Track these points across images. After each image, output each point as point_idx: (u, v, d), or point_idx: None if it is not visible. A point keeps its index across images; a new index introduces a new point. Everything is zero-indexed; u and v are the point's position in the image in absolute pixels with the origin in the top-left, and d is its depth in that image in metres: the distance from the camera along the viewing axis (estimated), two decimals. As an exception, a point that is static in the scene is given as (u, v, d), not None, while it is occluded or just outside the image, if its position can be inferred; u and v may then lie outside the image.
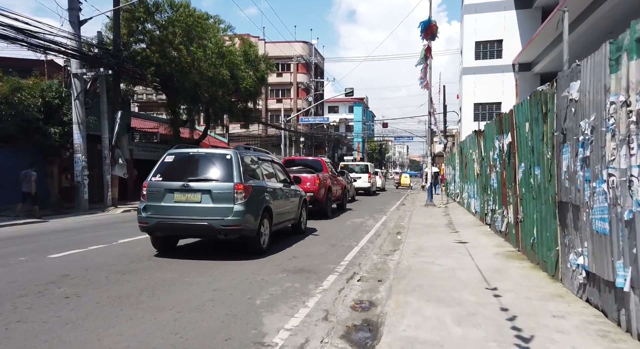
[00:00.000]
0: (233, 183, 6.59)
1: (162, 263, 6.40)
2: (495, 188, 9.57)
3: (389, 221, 13.38)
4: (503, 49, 28.14)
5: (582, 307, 4.34)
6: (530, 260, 6.61)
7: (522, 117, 6.85)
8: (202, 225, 6.45)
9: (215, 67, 21.24)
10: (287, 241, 8.78)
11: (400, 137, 53.32)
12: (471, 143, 13.53)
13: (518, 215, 7.41)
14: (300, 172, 12.97)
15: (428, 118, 19.14)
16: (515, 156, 7.42)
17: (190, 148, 7.15)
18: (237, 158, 6.82)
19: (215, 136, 34.92)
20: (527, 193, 6.76)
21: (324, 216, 13.42)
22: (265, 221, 7.32)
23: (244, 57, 24.61)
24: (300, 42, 55.05)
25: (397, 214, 15.61)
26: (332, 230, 10.69)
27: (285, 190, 8.73)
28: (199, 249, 7.85)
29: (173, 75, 19.04)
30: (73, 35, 14.91)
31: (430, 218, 13.28)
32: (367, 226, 11.90)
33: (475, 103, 28.95)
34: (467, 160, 15.62)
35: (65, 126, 15.80)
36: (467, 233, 9.78)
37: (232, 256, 7.00)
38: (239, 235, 6.71)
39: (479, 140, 11.82)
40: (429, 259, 6.93)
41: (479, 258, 7.00)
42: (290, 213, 9.06)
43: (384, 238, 9.79)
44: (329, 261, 6.87)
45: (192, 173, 6.75)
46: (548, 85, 5.57)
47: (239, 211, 6.53)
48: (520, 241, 7.33)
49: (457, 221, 12.34)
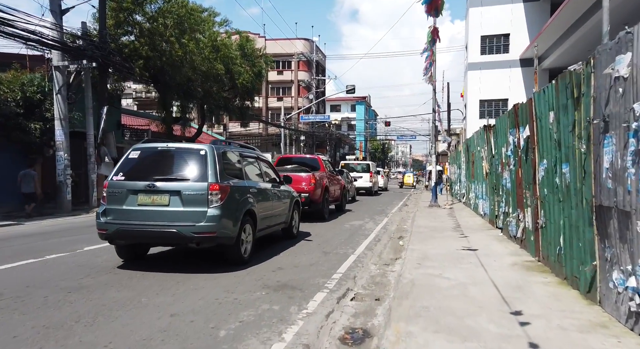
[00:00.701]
0: (207, 183, 5.64)
1: (122, 277, 5.46)
2: (508, 188, 8.59)
3: (391, 224, 12.41)
4: (510, 43, 27.08)
5: (637, 344, 3.37)
6: (555, 273, 5.64)
7: (545, 105, 5.88)
8: (170, 232, 5.50)
9: (209, 61, 20.31)
10: (275, 248, 7.84)
11: (403, 135, 52.26)
12: (479, 139, 12.55)
13: (538, 219, 6.44)
14: (295, 171, 12.02)
15: (432, 115, 18.16)
16: (535, 152, 6.45)
17: (160, 142, 6.19)
18: (213, 154, 5.87)
19: (213, 135, 34.03)
20: (550, 195, 5.79)
21: (321, 218, 12.46)
22: (247, 226, 6.37)
23: (240, 52, 23.70)
24: (302, 39, 54.13)
25: (399, 216, 14.65)
26: (328, 235, 9.73)
27: (273, 190, 7.77)
28: (172, 258, 6.92)
29: (164, 69, 18.12)
30: (54, 24, 13.99)
31: (435, 220, 12.31)
32: (367, 229, 10.94)
33: (481, 99, 27.90)
34: (474, 158, 14.65)
35: (48, 122, 14.89)
36: (476, 238, 8.81)
37: (208, 267, 6.07)
38: (214, 243, 5.77)
39: (488, 135, 10.84)
40: (435, 270, 5.97)
41: (494, 269, 6.03)
42: (280, 216, 8.11)
43: (384, 244, 8.83)
44: (319, 274, 5.91)
45: (160, 172, 5.80)
46: (581, 63, 4.61)
47: (213, 216, 5.58)
48: (540, 250, 6.36)
49: (464, 224, 11.37)
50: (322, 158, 13.68)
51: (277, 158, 13.72)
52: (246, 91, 24.10)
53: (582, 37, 21.56)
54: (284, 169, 12.24)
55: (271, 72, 55.47)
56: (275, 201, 7.83)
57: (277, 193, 7.94)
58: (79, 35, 14.99)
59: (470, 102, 28.38)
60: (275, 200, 7.83)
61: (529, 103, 6.65)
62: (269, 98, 55.12)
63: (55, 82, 14.42)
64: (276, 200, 7.87)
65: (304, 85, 53.76)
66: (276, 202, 7.87)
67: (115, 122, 19.83)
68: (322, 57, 58.75)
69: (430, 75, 15.47)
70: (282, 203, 8.25)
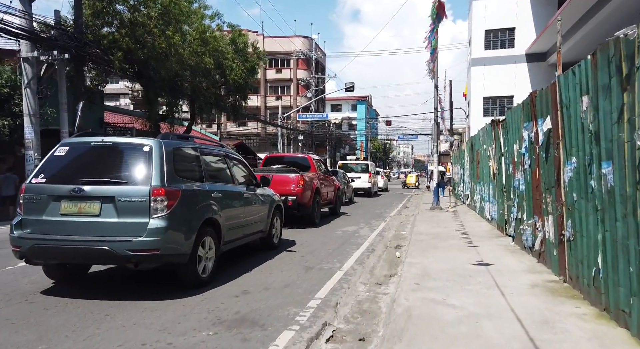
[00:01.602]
0: (149, 187, 4.47)
1: (36, 308, 4.30)
2: (521, 191, 7.41)
3: (388, 229, 11.23)
4: (515, 37, 25.82)
5: None
6: (589, 301, 4.46)
7: (575, 89, 4.69)
8: (99, 249, 4.32)
9: (197, 55, 19.14)
10: (248, 261, 6.67)
11: (404, 135, 51.06)
12: (486, 136, 11.37)
13: (563, 231, 5.27)
14: (282, 172, 10.85)
15: (434, 112, 16.97)
16: (560, 148, 5.27)
17: (96, 136, 5.01)
18: (160, 150, 4.70)
19: (208, 134, 32.84)
20: (582, 201, 4.61)
21: (311, 223, 11.29)
22: (207, 240, 5.19)
23: (233, 47, 22.57)
24: (300, 36, 53.06)
25: (398, 220, 13.47)
26: (315, 244, 8.55)
27: (247, 194, 6.60)
28: (123, 277, 5.75)
29: (148, 63, 16.95)
30: (23, 12, 12.84)
31: (438, 225, 11.13)
32: (360, 237, 9.76)
33: (485, 96, 26.65)
34: (479, 157, 13.48)
35: (17, 118, 13.75)
36: (485, 249, 7.63)
37: (160, 291, 4.91)
38: (158, 262, 4.60)
39: (496, 131, 9.66)
40: (437, 294, 4.81)
41: (511, 293, 4.86)
42: (256, 224, 6.94)
43: (379, 255, 7.64)
44: (292, 300, 4.74)
45: (90, 173, 4.64)
46: (634, 27, 3.42)
47: (157, 229, 4.41)
48: (567, 268, 5.18)
49: (470, 230, 10.19)
50: (313, 158, 12.49)
51: (265, 157, 12.56)
52: (239, 88, 22.94)
53: (591, 30, 20.40)
54: (270, 169, 11.08)
55: (269, 70, 54.48)
56: (250, 207, 6.66)
57: (252, 198, 6.77)
58: (51, 25, 13.84)
59: (474, 99, 27.13)
60: (250, 206, 6.66)
61: (552, 89, 5.46)
62: (268, 97, 54.06)
63: (24, 75, 13.26)
64: (251, 205, 6.70)
65: (303, 84, 52.65)
66: (251, 208, 6.70)
67: (97, 119, 18.71)
68: (322, 55, 57.63)
69: (433, 68, 14.26)
70: (259, 209, 7.08)
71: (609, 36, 4.26)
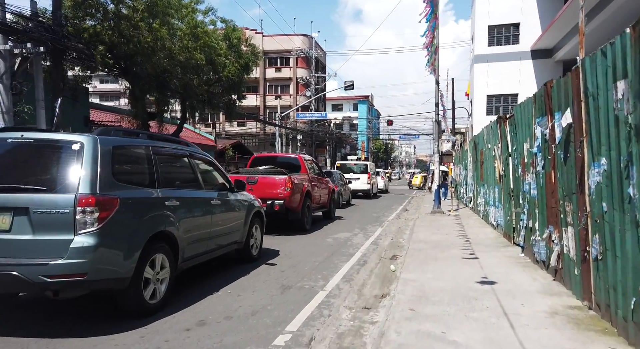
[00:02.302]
0: (75, 195, 3.58)
1: None
2: (533, 196, 6.50)
3: (384, 236, 10.33)
4: (520, 33, 24.82)
5: None
6: (625, 337, 3.55)
7: (606, 74, 3.79)
8: (6, 275, 3.43)
9: (188, 51, 18.28)
10: (217, 278, 5.78)
11: (406, 134, 50.10)
12: (490, 135, 10.47)
13: (587, 247, 4.36)
14: (268, 173, 9.96)
15: (435, 110, 16.04)
16: (584, 146, 4.36)
17: (14, 131, 4.13)
18: (95, 149, 3.81)
19: (202, 133, 31.92)
20: (615, 213, 3.71)
21: (301, 229, 10.40)
22: (157, 257, 4.29)
23: (227, 43, 21.72)
24: (300, 35, 52.26)
25: (396, 225, 12.56)
26: (301, 254, 7.65)
27: (216, 201, 5.70)
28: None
29: (134, 58, 16.09)
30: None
31: (438, 231, 10.23)
32: (353, 245, 8.85)
33: (489, 95, 25.67)
34: (483, 157, 12.58)
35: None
36: (492, 261, 6.72)
37: (95, 318, 4.03)
38: (86, 289, 3.72)
39: (503, 129, 8.75)
40: (436, 326, 3.92)
41: (526, 324, 3.96)
42: (229, 234, 6.06)
43: (371, 269, 6.74)
44: (255, 336, 3.84)
45: (1, 178, 3.76)
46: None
47: (83, 248, 3.52)
48: (593, 292, 4.27)
49: (473, 237, 9.29)
50: (304, 158, 11.57)
51: (252, 157, 11.67)
52: (232, 85, 22.07)
53: (599, 26, 19.45)
54: (256, 171, 10.19)
55: (269, 69, 53.66)
56: (221, 215, 5.77)
57: (223, 204, 5.87)
58: (27, 16, 12.97)
59: (477, 97, 26.17)
60: (221, 214, 5.77)
61: (574, 76, 4.55)
62: (267, 96, 53.26)
63: (-5, 70, 12.41)
64: (222, 213, 5.81)
65: (303, 83, 51.81)
66: (222, 216, 5.80)
67: (82, 117, 17.87)
68: (322, 54, 56.79)
69: (433, 62, 13.36)
70: (234, 217, 6.19)
71: (620, 31, 3.44)
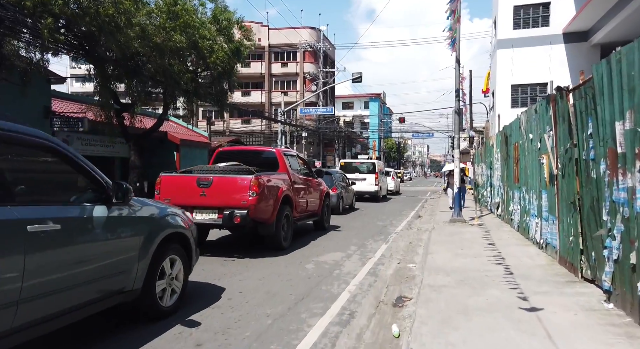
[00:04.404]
0: None
1: None
2: (635, 212, 3.73)
3: (389, 257, 7.58)
4: (550, 13, 21.80)
5: None
6: None
7: None
8: None
9: (165, 31, 15.78)
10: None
11: (417, 132, 47.13)
12: (534, 121, 7.68)
13: None
14: (228, 172, 7.27)
15: (456, 96, 13.20)
16: None
17: None
18: None
19: (197, 130, 29.33)
20: None
21: (276, 247, 7.71)
22: None
23: (217, 26, 19.21)
24: (307, 28, 49.66)
25: (406, 238, 9.81)
26: (253, 299, 4.94)
27: (50, 224, 3.01)
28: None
29: (96, 36, 13.61)
30: None
31: (463, 251, 7.47)
32: (342, 276, 6.13)
33: (513, 84, 22.66)
34: (518, 152, 9.79)
35: None
36: (561, 320, 3.93)
37: None
38: None
39: (562, 108, 5.96)
40: None
41: None
42: (99, 281, 3.38)
43: (358, 333, 3.99)
44: None
45: None
46: None
47: None
48: None
49: (514, 262, 6.50)
50: (284, 153, 8.80)
51: (216, 151, 8.97)
52: (223, 73, 19.47)
53: (638, 8, 16.41)
54: (213, 170, 7.50)
55: (275, 64, 51.05)
56: (75, 247, 3.10)
57: (79, 228, 3.20)
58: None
59: (500, 88, 23.18)
60: (75, 246, 3.10)
61: None
62: (273, 92, 50.75)
63: None
64: (78, 243, 3.14)
65: (310, 78, 49.16)
66: (77, 250, 3.14)
67: (41, 107, 15.41)
68: (331, 48, 54.02)
69: (453, 31, 10.59)
70: (110, 249, 3.51)
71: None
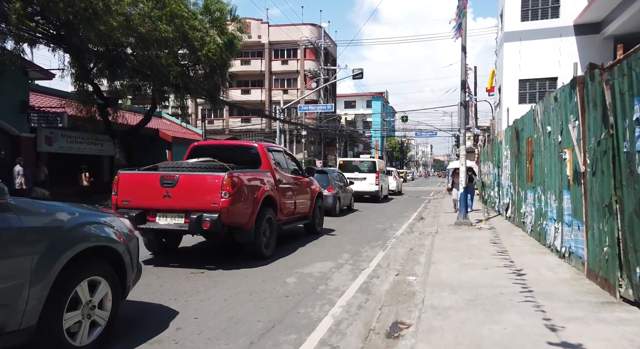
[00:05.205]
0: None
1: None
2: None
3: (385, 268, 6.54)
4: (560, 4, 20.72)
5: None
6: None
7: None
8: None
9: (151, 21, 14.81)
10: None
11: (420, 130, 46.04)
12: (553, 111, 6.63)
13: None
14: (197, 170, 6.26)
15: (462, 88, 12.15)
16: None
17: None
18: None
19: (191, 128, 28.37)
20: None
21: (256, 256, 6.69)
22: None
23: (209, 17, 18.30)
24: (308, 24, 48.60)
25: (406, 244, 8.77)
26: (212, 328, 3.94)
27: None
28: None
29: (73, 24, 12.67)
30: None
31: (471, 260, 6.43)
32: (327, 294, 5.09)
33: (521, 79, 21.59)
34: (532, 148, 8.75)
35: None
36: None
37: None
38: None
39: (593, 92, 4.91)
40: None
41: None
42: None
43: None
44: None
45: None
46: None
47: None
48: None
49: (532, 275, 5.45)
50: (268, 148, 7.75)
51: (191, 146, 7.94)
52: (215, 67, 18.49)
53: None
54: (179, 166, 6.48)
55: (275, 61, 50.01)
56: None
57: None
58: None
59: (507, 83, 22.11)
60: None
61: None
62: (273, 90, 49.75)
63: None
64: None
65: (311, 76, 48.12)
66: None
67: (18, 102, 14.45)
68: (332, 45, 52.96)
69: (458, 17, 9.57)
70: None
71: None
